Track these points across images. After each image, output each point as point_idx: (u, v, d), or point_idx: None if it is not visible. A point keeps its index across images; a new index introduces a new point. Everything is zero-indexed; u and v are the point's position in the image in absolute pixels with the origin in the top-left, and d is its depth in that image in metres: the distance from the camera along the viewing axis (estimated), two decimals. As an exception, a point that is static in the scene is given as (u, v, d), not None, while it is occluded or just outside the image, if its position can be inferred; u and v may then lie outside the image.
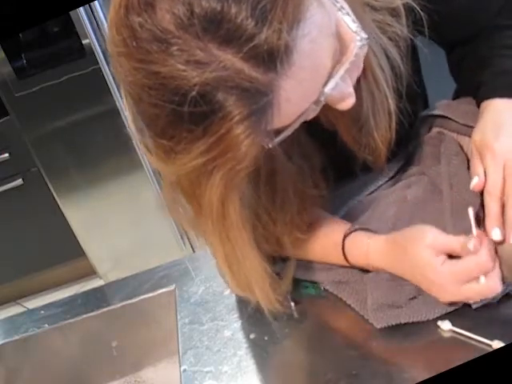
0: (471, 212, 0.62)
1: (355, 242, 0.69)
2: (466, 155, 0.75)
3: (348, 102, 0.55)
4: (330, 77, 0.51)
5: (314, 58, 0.48)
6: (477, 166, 0.63)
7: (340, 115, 0.66)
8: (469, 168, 0.73)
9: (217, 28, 0.44)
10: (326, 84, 0.51)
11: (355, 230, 0.70)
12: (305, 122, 0.57)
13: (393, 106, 0.66)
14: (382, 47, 0.63)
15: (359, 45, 0.53)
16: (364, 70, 0.59)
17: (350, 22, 0.53)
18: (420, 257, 0.61)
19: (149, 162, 0.55)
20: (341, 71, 0.52)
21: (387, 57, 0.64)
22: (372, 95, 0.65)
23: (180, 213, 0.60)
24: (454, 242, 0.60)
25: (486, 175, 0.62)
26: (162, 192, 0.60)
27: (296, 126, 0.54)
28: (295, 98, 0.49)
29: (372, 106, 0.65)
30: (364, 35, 0.53)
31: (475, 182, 0.62)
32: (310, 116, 0.55)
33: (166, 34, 0.45)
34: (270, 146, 0.54)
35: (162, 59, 0.45)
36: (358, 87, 0.61)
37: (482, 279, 0.58)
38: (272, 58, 0.45)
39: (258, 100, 0.46)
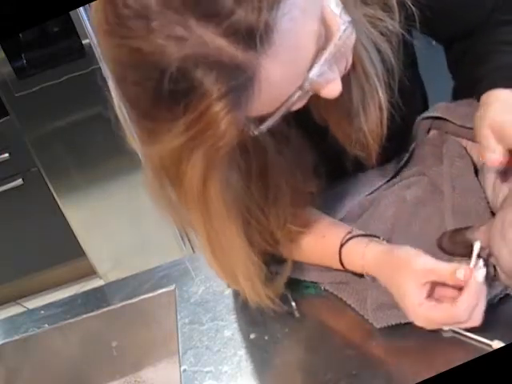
0: (478, 245, 0.59)
1: (352, 249, 0.69)
2: (471, 157, 0.75)
3: (334, 90, 0.54)
4: (314, 62, 0.51)
5: (295, 39, 0.48)
6: (492, 143, 0.60)
7: (330, 108, 0.65)
8: (475, 171, 0.73)
9: (196, 4, 0.44)
10: (310, 69, 0.51)
11: (352, 238, 0.70)
12: (296, 114, 0.56)
13: (384, 101, 0.65)
14: (373, 41, 0.63)
15: (343, 28, 0.52)
16: (354, 63, 0.59)
17: (333, 5, 0.52)
18: (404, 285, 0.60)
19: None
20: (325, 55, 0.51)
21: (378, 51, 0.64)
22: (362, 89, 0.64)
23: (165, 200, 0.59)
24: (443, 269, 0.59)
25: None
26: (145, 180, 0.59)
27: (281, 113, 0.53)
28: (276, 78, 0.48)
29: (362, 100, 0.65)
30: (347, 18, 0.52)
31: (493, 157, 0.59)
32: (297, 105, 0.55)
33: (147, 10, 0.45)
34: (256, 133, 0.54)
35: (142, 35, 0.45)
36: (347, 80, 0.61)
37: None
38: (251, 36, 0.45)
39: (238, 77, 0.45)
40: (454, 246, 0.63)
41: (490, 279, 0.61)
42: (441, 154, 0.77)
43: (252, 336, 0.72)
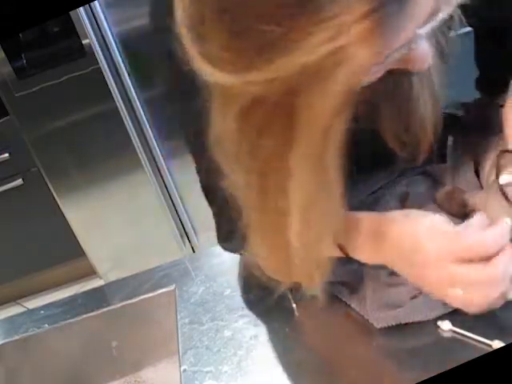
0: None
1: None
2: (473, 156, 0.76)
3: (425, 61, 0.52)
4: (425, 22, 0.47)
5: None
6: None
7: (390, 99, 0.64)
8: (475, 169, 0.73)
9: None
10: (421, 27, 0.46)
11: None
12: None
13: (438, 93, 0.64)
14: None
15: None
16: None
17: None
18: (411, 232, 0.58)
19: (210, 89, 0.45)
20: (438, 17, 0.47)
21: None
22: (421, 80, 0.62)
23: (249, 155, 0.51)
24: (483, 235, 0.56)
25: None
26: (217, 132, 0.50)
27: (383, 69, 0.48)
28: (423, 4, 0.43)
29: (422, 90, 0.63)
30: None
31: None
32: (377, 73, 0.49)
33: None
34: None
35: None
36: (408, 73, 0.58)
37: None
38: None
39: None
40: (450, 202, 0.63)
41: None
42: (445, 152, 0.78)
43: (252, 336, 0.72)
